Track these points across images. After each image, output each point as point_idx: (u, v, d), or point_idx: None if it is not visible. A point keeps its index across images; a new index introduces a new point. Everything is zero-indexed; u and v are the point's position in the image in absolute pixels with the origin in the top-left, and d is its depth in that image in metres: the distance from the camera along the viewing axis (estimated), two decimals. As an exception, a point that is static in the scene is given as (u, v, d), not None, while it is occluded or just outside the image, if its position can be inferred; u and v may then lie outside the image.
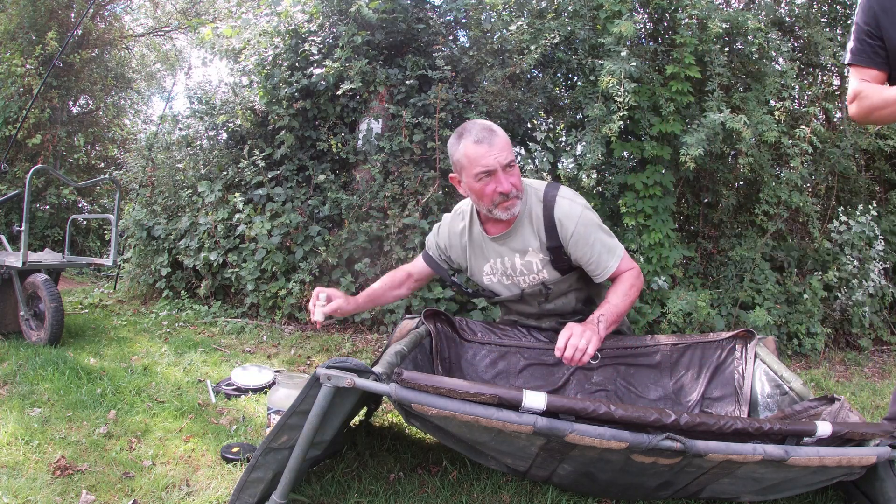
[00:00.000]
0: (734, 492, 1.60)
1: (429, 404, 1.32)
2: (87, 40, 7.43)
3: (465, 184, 1.87)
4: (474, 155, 1.78)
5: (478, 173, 1.79)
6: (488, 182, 1.80)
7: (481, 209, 1.93)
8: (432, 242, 2.16)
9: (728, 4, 4.36)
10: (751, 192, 4.24)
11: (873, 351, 4.04)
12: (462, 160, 1.82)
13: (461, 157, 1.83)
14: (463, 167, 1.84)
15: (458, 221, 2.09)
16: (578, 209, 1.91)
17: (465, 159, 1.81)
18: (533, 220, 1.94)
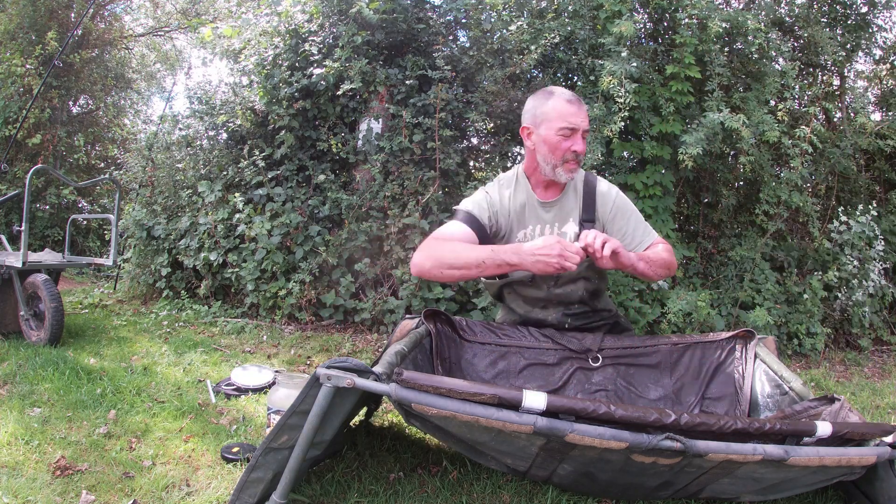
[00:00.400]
0: (734, 492, 1.60)
1: (429, 404, 1.32)
2: (87, 40, 7.43)
3: (542, 136, 1.92)
4: (564, 110, 1.89)
5: (562, 127, 1.88)
6: (567, 138, 1.90)
7: (544, 166, 1.96)
8: (482, 205, 2.03)
9: (728, 4, 4.36)
10: (751, 192, 4.24)
11: (873, 351, 4.04)
12: (549, 112, 1.90)
13: (548, 110, 1.90)
14: (546, 119, 1.91)
15: (504, 188, 2.08)
16: (616, 189, 2.10)
17: (553, 112, 1.89)
18: (577, 192, 2.07)
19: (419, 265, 1.88)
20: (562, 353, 2.16)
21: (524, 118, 2.00)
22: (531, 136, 1.98)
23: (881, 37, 4.38)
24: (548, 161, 1.95)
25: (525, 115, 2.00)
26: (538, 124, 1.94)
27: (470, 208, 2.02)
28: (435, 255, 1.84)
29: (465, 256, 1.81)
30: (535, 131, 1.96)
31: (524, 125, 2.00)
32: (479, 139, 4.78)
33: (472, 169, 4.72)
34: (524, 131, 2.00)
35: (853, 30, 4.23)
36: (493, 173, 4.71)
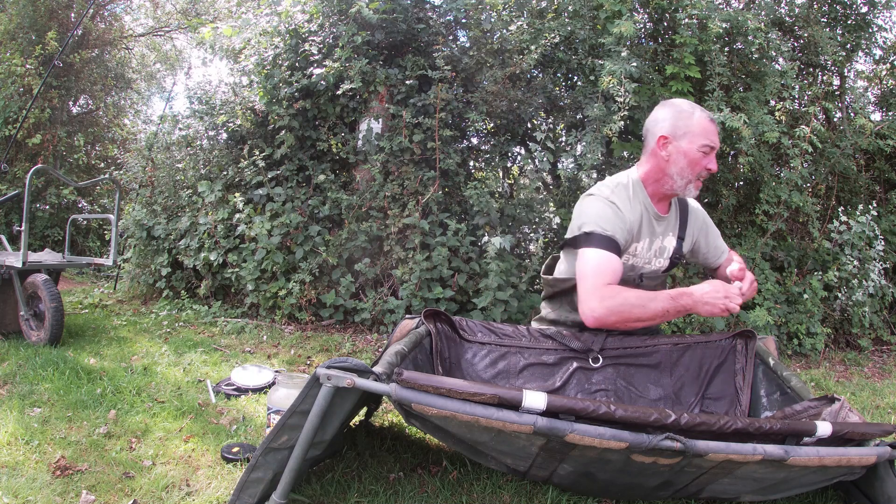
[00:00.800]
0: (734, 492, 1.60)
1: (429, 404, 1.31)
2: (87, 40, 7.42)
3: (682, 149, 1.88)
4: (708, 128, 1.87)
5: (704, 145, 1.87)
6: (705, 157, 1.88)
7: (676, 180, 1.91)
8: (617, 224, 1.87)
9: (728, 4, 4.36)
10: (751, 191, 4.25)
11: (873, 351, 4.04)
12: (695, 127, 1.87)
13: (694, 124, 1.87)
14: (690, 133, 1.87)
15: (624, 199, 1.95)
16: (699, 205, 2.14)
17: (698, 127, 1.87)
18: (674, 207, 2.07)
19: (601, 319, 1.74)
20: (562, 353, 2.16)
21: (660, 127, 1.91)
22: (667, 147, 1.89)
23: (881, 37, 4.38)
24: (683, 175, 1.90)
25: (661, 123, 1.91)
26: (679, 136, 1.88)
27: (610, 231, 1.84)
28: (620, 310, 1.72)
29: (652, 310, 1.73)
30: (675, 143, 1.89)
31: (662, 134, 1.89)
32: (479, 139, 4.79)
33: (472, 169, 4.72)
34: (661, 140, 1.90)
35: (853, 30, 4.23)
36: (494, 173, 4.72)
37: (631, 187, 1.97)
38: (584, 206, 1.95)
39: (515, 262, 3.93)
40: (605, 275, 1.78)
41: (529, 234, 4.38)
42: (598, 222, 1.86)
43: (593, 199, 1.93)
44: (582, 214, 1.93)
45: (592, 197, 1.94)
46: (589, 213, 1.90)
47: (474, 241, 3.97)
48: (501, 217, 4.07)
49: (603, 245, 1.82)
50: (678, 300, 1.75)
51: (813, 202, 3.94)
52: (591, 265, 1.81)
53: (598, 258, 1.81)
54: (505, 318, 3.59)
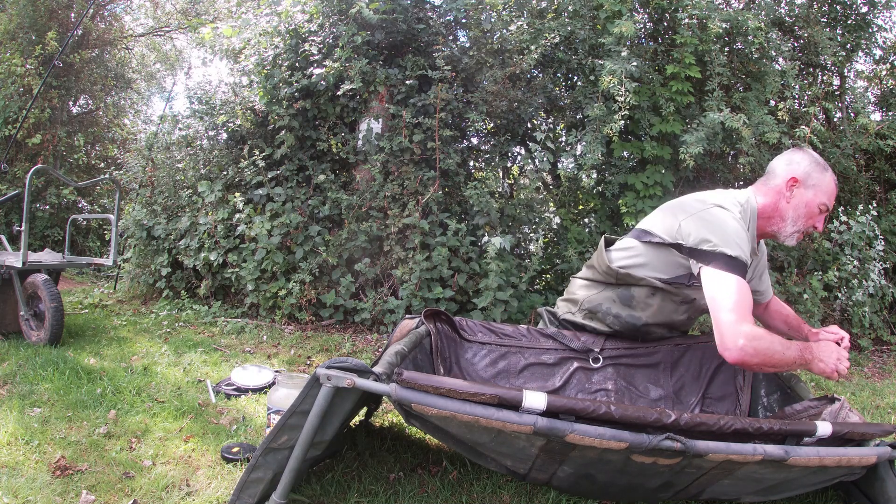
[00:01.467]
0: (735, 493, 1.60)
1: (429, 404, 1.31)
2: (87, 40, 7.42)
3: (806, 198, 1.87)
4: (833, 192, 1.90)
5: (823, 203, 1.88)
6: (819, 215, 1.90)
7: (787, 225, 1.90)
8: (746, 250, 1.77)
9: (728, 4, 4.36)
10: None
11: (873, 351, 4.04)
12: (825, 184, 1.88)
13: (825, 182, 1.88)
14: (819, 188, 1.88)
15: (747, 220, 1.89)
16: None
17: (827, 186, 1.89)
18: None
19: (744, 360, 1.64)
20: (562, 353, 2.16)
21: (794, 168, 1.88)
22: (794, 189, 1.88)
23: (881, 37, 4.38)
24: (795, 223, 1.90)
25: (795, 165, 1.89)
26: (809, 186, 1.88)
27: (745, 256, 1.75)
28: (765, 353, 1.63)
29: (789, 358, 1.67)
30: (803, 190, 1.88)
31: (794, 176, 1.87)
32: (479, 139, 4.79)
33: (472, 169, 4.72)
34: (791, 181, 1.87)
35: (853, 30, 4.23)
36: (494, 173, 4.72)
37: (750, 214, 1.90)
38: (715, 219, 1.80)
39: (515, 262, 3.93)
40: (744, 308, 1.67)
41: (529, 234, 4.38)
42: (737, 243, 1.74)
43: (725, 213, 1.81)
44: (711, 227, 1.78)
45: (723, 211, 1.81)
46: (724, 230, 1.76)
47: (474, 241, 3.96)
48: (501, 217, 4.07)
49: (740, 271, 1.71)
50: (804, 356, 1.70)
51: (813, 202, 3.94)
52: (732, 294, 1.68)
53: (738, 288, 1.68)
54: (505, 318, 3.59)
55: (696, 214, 1.83)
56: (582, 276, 2.20)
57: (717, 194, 1.93)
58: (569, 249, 3.96)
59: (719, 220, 1.78)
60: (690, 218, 1.83)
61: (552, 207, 4.60)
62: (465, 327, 2.19)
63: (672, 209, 1.96)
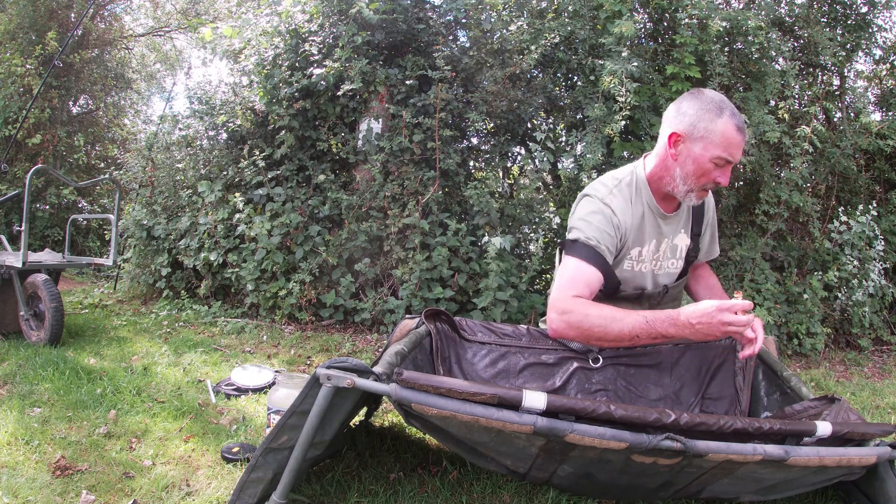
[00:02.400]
0: (734, 492, 1.60)
1: (429, 404, 1.31)
2: (87, 40, 7.42)
3: (693, 154, 1.67)
4: (731, 139, 1.64)
5: (718, 156, 1.65)
6: (718, 170, 1.69)
7: (678, 184, 1.74)
8: (608, 232, 1.72)
9: (728, 4, 4.36)
10: (751, 192, 4.24)
11: (873, 351, 4.04)
12: (714, 134, 1.64)
13: (715, 130, 1.64)
14: (708, 139, 1.65)
15: (624, 199, 1.79)
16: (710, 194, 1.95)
17: (719, 136, 1.64)
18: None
19: (560, 332, 1.63)
20: (562, 353, 2.16)
21: (677, 121, 1.70)
22: (678, 145, 1.70)
23: (881, 37, 4.38)
24: (685, 181, 1.72)
25: (679, 118, 1.70)
26: (695, 139, 1.66)
27: (595, 241, 1.70)
28: (580, 326, 1.59)
29: (617, 330, 1.57)
30: (688, 144, 1.68)
31: (676, 130, 1.69)
32: (479, 139, 4.79)
33: (472, 169, 4.72)
34: (673, 136, 1.70)
35: (853, 30, 4.23)
36: (494, 173, 4.72)
37: (634, 185, 1.81)
38: (578, 208, 1.83)
39: (515, 262, 3.93)
40: (576, 286, 1.65)
41: (529, 234, 4.38)
42: (585, 229, 1.73)
43: (588, 200, 1.80)
44: (574, 216, 1.82)
45: (587, 198, 1.81)
46: (579, 217, 1.78)
47: (474, 241, 3.96)
48: (501, 217, 4.07)
49: (583, 255, 1.70)
50: (654, 325, 1.56)
51: (813, 202, 3.94)
52: (565, 275, 1.70)
53: (574, 268, 1.69)
54: (505, 318, 3.59)
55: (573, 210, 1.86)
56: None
57: (599, 179, 1.87)
58: (569, 249, 3.95)
59: (577, 208, 1.82)
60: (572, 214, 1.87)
61: (552, 207, 4.60)
62: (465, 327, 2.19)
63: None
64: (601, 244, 1.71)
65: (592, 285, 1.68)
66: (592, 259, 1.69)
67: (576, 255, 1.71)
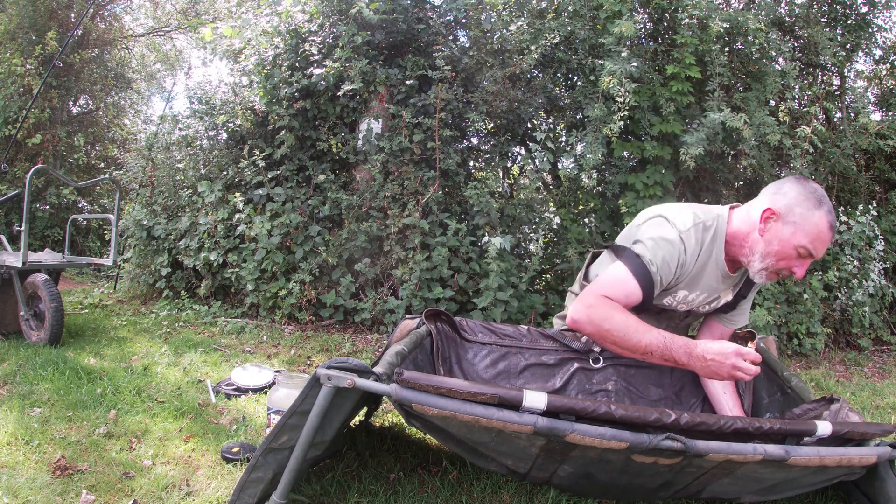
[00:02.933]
0: (735, 492, 1.60)
1: (429, 404, 1.31)
2: (87, 40, 7.42)
3: (782, 236, 1.65)
4: (822, 233, 1.63)
5: (804, 246, 1.64)
6: (798, 259, 1.67)
7: (752, 259, 1.72)
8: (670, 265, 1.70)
9: (728, 4, 4.36)
10: (751, 192, 4.24)
11: (873, 351, 4.04)
12: (807, 223, 1.63)
13: (809, 220, 1.62)
14: (799, 227, 1.63)
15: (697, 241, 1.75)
16: None
17: (811, 226, 1.62)
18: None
19: (579, 323, 1.62)
20: (563, 354, 2.16)
21: (776, 199, 1.67)
22: (769, 222, 1.67)
23: (881, 37, 4.38)
24: (764, 259, 1.69)
25: (779, 197, 1.67)
26: (789, 222, 1.64)
27: (656, 268, 1.67)
28: (601, 324, 1.59)
29: (634, 341, 1.58)
30: (780, 224, 1.65)
31: (773, 207, 1.66)
32: (479, 139, 4.79)
33: (472, 169, 4.72)
34: (767, 212, 1.67)
35: (853, 30, 4.23)
36: (494, 173, 4.72)
37: (712, 233, 1.76)
38: (651, 226, 1.76)
39: (515, 262, 3.93)
40: (615, 291, 1.65)
41: (529, 234, 4.38)
42: (653, 251, 1.69)
43: (665, 225, 1.74)
44: (645, 232, 1.76)
45: (665, 222, 1.74)
46: (652, 237, 1.72)
47: (474, 241, 3.97)
48: (501, 217, 4.07)
49: (636, 271, 1.67)
50: (670, 349, 1.57)
51: (813, 202, 3.93)
52: (610, 276, 1.70)
53: (621, 276, 1.68)
54: (505, 318, 3.59)
55: (646, 225, 1.80)
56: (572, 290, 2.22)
57: (683, 208, 1.80)
58: (569, 249, 3.96)
59: (651, 226, 1.76)
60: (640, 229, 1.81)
61: (552, 207, 4.60)
62: (465, 327, 2.19)
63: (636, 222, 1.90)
64: (659, 272, 1.68)
65: (629, 299, 1.67)
66: (643, 279, 1.67)
67: (630, 266, 1.69)
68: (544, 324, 3.79)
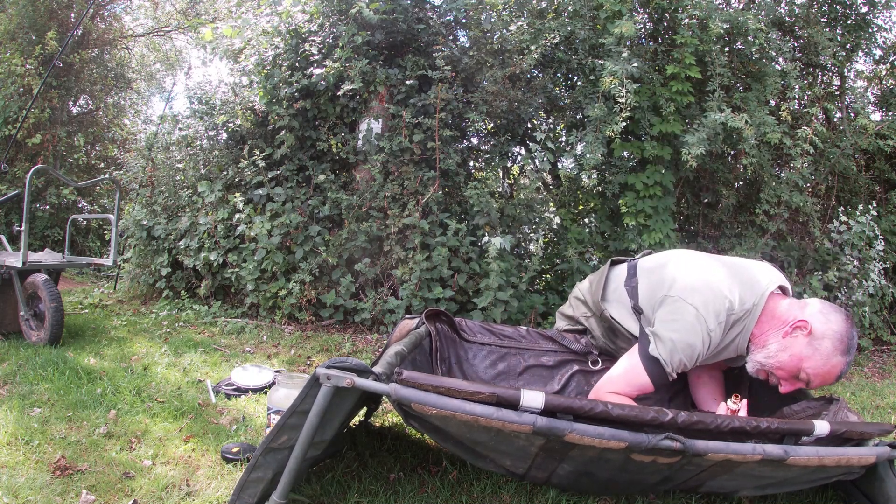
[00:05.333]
0: (733, 488, 1.61)
1: (429, 404, 1.31)
2: (87, 40, 7.42)
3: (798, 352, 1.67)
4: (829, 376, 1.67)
5: (809, 377, 1.67)
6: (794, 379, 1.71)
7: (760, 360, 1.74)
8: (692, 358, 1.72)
9: (728, 4, 4.36)
10: (751, 192, 4.25)
11: (873, 351, 4.04)
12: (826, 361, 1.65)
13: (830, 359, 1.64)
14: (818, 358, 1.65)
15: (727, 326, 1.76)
16: None
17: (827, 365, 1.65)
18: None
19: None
20: (562, 356, 2.17)
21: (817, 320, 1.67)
22: (799, 332, 1.68)
23: (881, 37, 4.38)
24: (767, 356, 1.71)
25: (821, 319, 1.67)
26: (814, 346, 1.65)
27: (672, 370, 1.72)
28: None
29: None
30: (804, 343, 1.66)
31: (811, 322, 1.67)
32: (479, 139, 4.79)
33: (472, 169, 4.72)
34: (803, 324, 1.67)
35: (853, 30, 4.23)
36: (494, 173, 4.72)
37: (741, 329, 1.76)
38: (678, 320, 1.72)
39: (515, 262, 3.93)
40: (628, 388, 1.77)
41: (529, 234, 4.38)
42: (671, 354, 1.70)
43: (695, 315, 1.70)
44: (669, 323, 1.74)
45: (695, 313, 1.70)
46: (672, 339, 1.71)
47: (474, 241, 3.97)
48: (501, 217, 4.07)
49: (652, 373, 1.73)
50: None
51: (813, 202, 3.94)
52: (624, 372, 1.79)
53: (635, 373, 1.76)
54: (505, 319, 3.59)
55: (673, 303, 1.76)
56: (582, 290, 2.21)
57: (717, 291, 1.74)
58: (569, 249, 3.96)
59: (680, 324, 1.72)
60: (666, 301, 1.79)
61: (552, 207, 4.60)
62: (465, 328, 2.19)
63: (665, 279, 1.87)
64: (674, 371, 1.73)
65: (641, 390, 1.77)
66: (657, 380, 1.75)
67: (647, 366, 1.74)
68: (544, 324, 3.79)
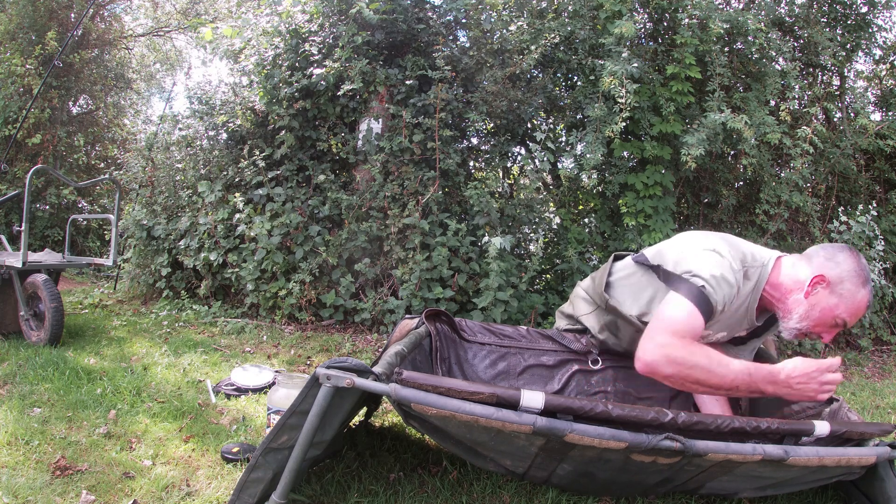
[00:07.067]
0: (733, 489, 1.60)
1: (429, 404, 1.31)
2: (87, 40, 7.42)
3: (827, 303, 1.65)
4: (861, 310, 1.66)
5: (844, 319, 1.66)
6: (832, 327, 1.69)
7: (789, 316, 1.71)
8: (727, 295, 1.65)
9: (728, 4, 4.36)
10: (751, 192, 4.25)
11: (873, 351, 4.04)
12: (854, 298, 1.64)
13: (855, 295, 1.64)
14: (845, 300, 1.64)
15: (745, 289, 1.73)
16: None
17: (855, 302, 1.64)
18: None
19: (655, 366, 1.53)
20: (562, 355, 2.16)
21: (829, 267, 1.66)
22: (818, 287, 1.66)
23: (881, 37, 4.39)
24: (800, 321, 1.69)
25: (832, 265, 1.66)
26: (836, 293, 1.64)
27: (717, 299, 1.62)
28: (683, 362, 1.50)
29: (720, 375, 1.51)
30: (827, 293, 1.65)
31: (826, 275, 1.65)
32: (479, 139, 4.79)
33: (472, 169, 4.72)
34: (819, 278, 1.66)
35: (853, 30, 4.24)
36: (494, 173, 4.72)
37: (752, 285, 1.73)
38: (708, 260, 1.67)
39: (515, 262, 3.93)
40: (684, 328, 1.56)
41: (529, 234, 4.38)
42: (714, 287, 1.62)
43: (719, 259, 1.67)
44: (694, 261, 1.68)
45: (722, 260, 1.67)
46: (710, 271, 1.64)
47: (474, 241, 3.97)
48: (501, 217, 4.07)
49: (702, 305, 1.60)
50: (756, 381, 1.54)
51: (813, 202, 3.94)
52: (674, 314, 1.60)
53: (688, 312, 1.58)
54: (505, 319, 3.59)
55: (689, 249, 1.75)
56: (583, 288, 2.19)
57: (727, 243, 1.74)
58: (569, 249, 3.96)
59: (708, 258, 1.68)
60: (684, 249, 1.77)
61: (552, 207, 4.60)
62: (465, 328, 2.19)
63: (675, 240, 1.86)
64: (717, 306, 1.64)
65: (696, 335, 1.60)
66: (706, 313, 1.61)
67: (694, 300, 1.61)
68: (544, 324, 3.79)
